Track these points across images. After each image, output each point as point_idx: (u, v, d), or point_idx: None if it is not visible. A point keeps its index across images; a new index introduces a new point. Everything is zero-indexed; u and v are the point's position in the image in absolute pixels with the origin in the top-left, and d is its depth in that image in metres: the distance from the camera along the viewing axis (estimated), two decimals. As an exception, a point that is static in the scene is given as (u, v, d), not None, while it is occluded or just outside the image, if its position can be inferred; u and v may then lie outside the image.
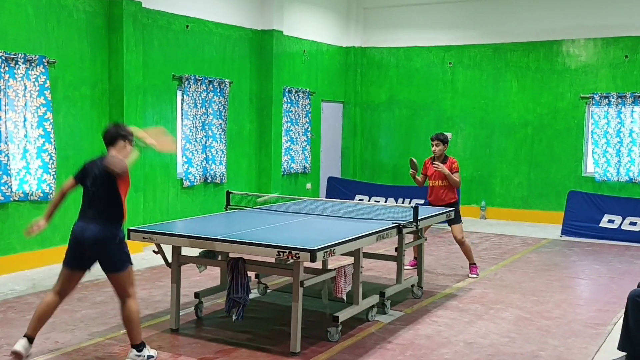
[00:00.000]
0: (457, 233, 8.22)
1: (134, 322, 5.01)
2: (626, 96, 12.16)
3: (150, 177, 10.05)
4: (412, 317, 6.56)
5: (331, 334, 5.73)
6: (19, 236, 8.28)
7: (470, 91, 13.78)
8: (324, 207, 7.72)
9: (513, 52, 13.29)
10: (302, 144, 13.24)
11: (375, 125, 14.85)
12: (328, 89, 14.27)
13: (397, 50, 14.51)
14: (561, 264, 9.36)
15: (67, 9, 8.76)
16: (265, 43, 12.11)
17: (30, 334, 5.06)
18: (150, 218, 9.84)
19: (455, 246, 10.32)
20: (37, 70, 8.26)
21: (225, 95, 11.21)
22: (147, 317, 6.35)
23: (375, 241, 6.02)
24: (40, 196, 8.35)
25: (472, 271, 8.40)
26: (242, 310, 5.57)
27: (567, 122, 12.88)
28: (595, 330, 6.24)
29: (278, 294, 7.26)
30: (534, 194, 13.22)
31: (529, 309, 6.90)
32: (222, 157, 11.23)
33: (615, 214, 11.20)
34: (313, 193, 13.80)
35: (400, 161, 14.48)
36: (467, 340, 5.87)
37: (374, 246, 8.20)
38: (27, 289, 7.40)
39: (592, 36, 12.59)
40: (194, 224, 6.95)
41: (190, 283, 7.52)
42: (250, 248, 5.27)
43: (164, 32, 10.21)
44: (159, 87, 10.18)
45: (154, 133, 5.46)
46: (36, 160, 8.32)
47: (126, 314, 5.02)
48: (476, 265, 8.49)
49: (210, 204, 11.07)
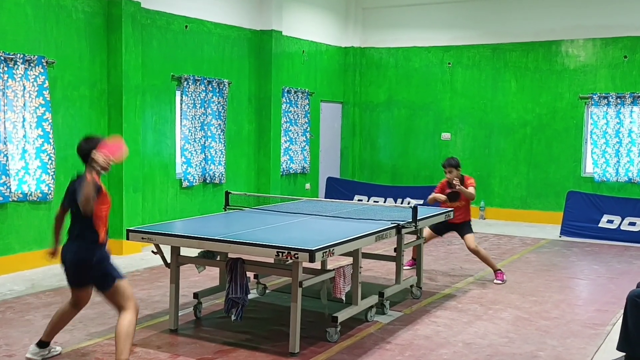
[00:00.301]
0: (470, 243, 8.03)
1: (121, 335, 4.75)
2: (625, 96, 12.16)
3: (149, 178, 10.04)
4: (411, 317, 6.56)
5: (330, 335, 5.73)
6: (18, 236, 8.28)
7: (469, 91, 13.79)
8: (323, 208, 7.71)
9: (512, 52, 13.30)
10: (301, 144, 13.24)
11: (374, 126, 14.86)
12: (327, 89, 14.28)
13: (396, 50, 14.51)
14: (560, 264, 9.37)
15: (66, 9, 8.76)
16: (264, 43, 12.11)
17: (45, 339, 5.16)
18: (149, 218, 9.84)
19: (454, 246, 10.34)
20: (36, 71, 8.26)
21: (224, 96, 11.21)
22: (146, 318, 6.34)
23: (374, 241, 6.02)
24: (39, 196, 8.35)
25: (498, 277, 8.12)
26: (241, 311, 5.57)
27: (566, 123, 12.89)
28: (594, 331, 6.24)
29: (277, 294, 7.26)
30: (533, 194, 13.22)
31: (527, 309, 6.90)
32: (221, 158, 11.23)
33: (614, 214, 11.20)
34: (312, 193, 13.80)
35: (399, 161, 14.50)
36: (466, 341, 5.87)
37: (373, 246, 8.20)
38: (26, 289, 7.40)
39: (591, 36, 12.59)
40: (193, 224, 6.95)
41: (189, 283, 7.52)
42: (249, 248, 5.27)
43: (163, 32, 10.21)
44: (158, 87, 10.18)
45: (112, 145, 5.02)
46: (35, 160, 8.32)
47: (118, 325, 4.81)
48: (501, 271, 8.22)
49: (209, 204, 11.07)
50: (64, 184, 8.69)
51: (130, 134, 9.37)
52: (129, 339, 4.78)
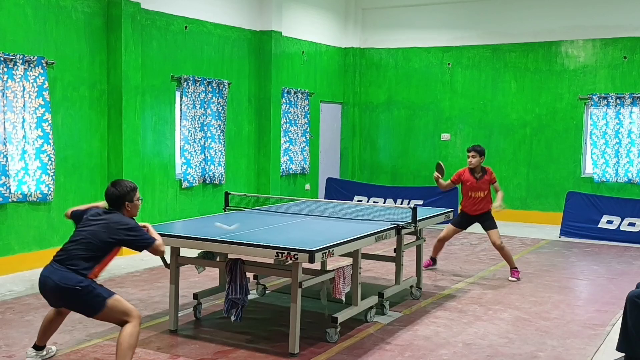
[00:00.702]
0: (495, 238, 8.12)
1: (122, 347, 4.57)
2: (625, 97, 12.17)
3: (149, 178, 10.04)
4: (410, 318, 6.56)
5: (330, 335, 5.73)
6: (18, 237, 8.28)
7: (469, 92, 13.79)
8: (323, 208, 7.72)
9: (512, 53, 13.30)
10: (301, 144, 13.24)
11: (374, 126, 14.86)
12: (327, 90, 14.28)
13: (396, 51, 14.51)
14: (560, 264, 9.37)
15: (65, 9, 8.76)
16: (264, 44, 12.11)
17: (39, 344, 5.17)
18: (149, 219, 9.82)
19: (454, 247, 10.35)
20: (36, 71, 8.26)
21: (224, 96, 11.21)
22: (146, 319, 6.34)
23: (374, 242, 6.02)
24: (38, 197, 8.35)
25: (513, 274, 8.26)
26: (240, 311, 5.57)
27: (566, 123, 12.89)
28: (593, 331, 6.24)
29: (277, 295, 7.26)
30: (532, 194, 13.23)
31: (527, 310, 6.91)
32: (220, 158, 11.23)
33: (614, 214, 11.20)
34: (312, 194, 13.80)
35: (399, 162, 14.49)
36: (466, 341, 5.87)
37: (372, 247, 8.20)
38: (25, 290, 7.39)
39: (590, 37, 12.60)
40: (193, 224, 6.94)
41: (188, 284, 7.52)
42: (249, 249, 5.27)
43: (163, 33, 10.21)
44: (158, 87, 10.18)
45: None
46: (35, 161, 8.32)
47: (119, 337, 4.64)
48: (517, 269, 8.33)
49: (209, 204, 11.07)
50: (63, 184, 8.77)
51: (129, 135, 9.38)
52: (129, 352, 4.60)
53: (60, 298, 4.66)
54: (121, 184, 4.92)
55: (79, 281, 4.58)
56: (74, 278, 4.58)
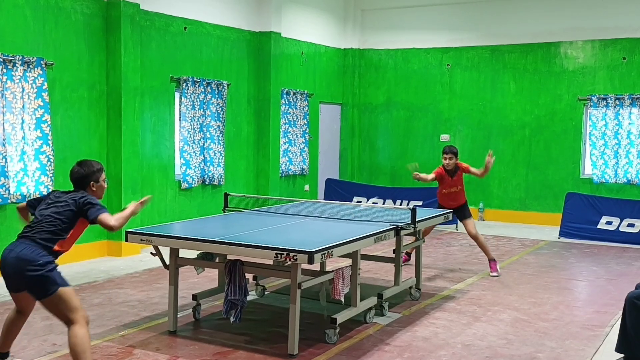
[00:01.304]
0: (470, 228, 8.38)
1: (77, 353, 4.33)
2: (624, 98, 12.17)
3: (148, 179, 10.04)
4: (410, 319, 6.56)
5: (329, 336, 5.73)
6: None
7: (468, 93, 13.80)
8: (322, 209, 7.71)
9: (511, 54, 13.31)
10: (300, 145, 13.24)
11: (373, 127, 14.86)
12: (326, 91, 14.28)
13: (395, 52, 14.52)
14: (559, 265, 9.37)
15: (64, 10, 8.76)
16: (263, 45, 12.11)
17: (1, 349, 4.88)
18: (148, 220, 9.82)
19: (453, 248, 10.35)
20: (35, 72, 8.26)
21: (223, 97, 11.21)
22: (145, 319, 6.34)
23: (373, 243, 6.02)
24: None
25: (492, 269, 8.45)
26: (239, 312, 5.57)
27: (565, 124, 12.90)
28: (592, 332, 6.25)
29: (276, 296, 7.26)
30: (531, 195, 13.23)
31: (526, 311, 6.91)
32: (220, 159, 11.23)
33: (613, 215, 11.21)
34: (311, 195, 13.80)
35: (398, 163, 14.49)
36: (465, 342, 5.87)
37: (371, 248, 8.20)
38: (24, 291, 7.37)
39: (589, 38, 12.60)
40: (192, 225, 6.94)
41: (187, 285, 7.51)
42: (248, 250, 5.27)
43: (162, 34, 10.21)
44: (157, 88, 10.18)
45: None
46: (34, 162, 8.32)
47: (70, 342, 4.37)
48: (495, 260, 8.54)
49: (208, 205, 11.06)
50: (63, 185, 8.75)
51: (129, 136, 9.37)
52: (85, 355, 4.35)
53: (18, 272, 4.42)
54: (87, 163, 4.80)
55: (41, 254, 4.45)
56: (36, 250, 4.46)
